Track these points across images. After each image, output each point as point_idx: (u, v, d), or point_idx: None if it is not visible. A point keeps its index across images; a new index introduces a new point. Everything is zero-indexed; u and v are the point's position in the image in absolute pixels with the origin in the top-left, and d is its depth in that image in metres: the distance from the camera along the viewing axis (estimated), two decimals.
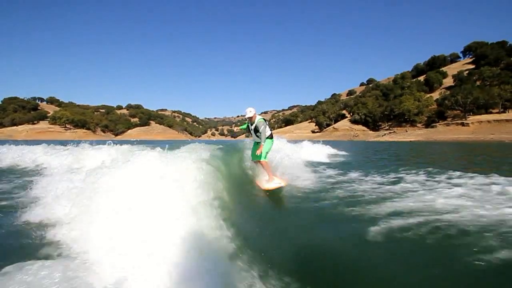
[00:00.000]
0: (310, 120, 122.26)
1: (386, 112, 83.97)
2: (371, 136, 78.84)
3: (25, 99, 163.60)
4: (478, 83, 74.08)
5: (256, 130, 5.27)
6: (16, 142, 14.59)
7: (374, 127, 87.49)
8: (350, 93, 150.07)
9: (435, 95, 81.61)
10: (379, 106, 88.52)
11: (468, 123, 55.55)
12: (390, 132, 76.83)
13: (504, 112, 57.89)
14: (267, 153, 5.34)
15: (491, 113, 58.24)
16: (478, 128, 51.99)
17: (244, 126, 5.80)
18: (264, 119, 5.36)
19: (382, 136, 74.89)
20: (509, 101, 56.66)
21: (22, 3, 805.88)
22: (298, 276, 2.10)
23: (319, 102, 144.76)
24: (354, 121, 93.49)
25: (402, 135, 66.99)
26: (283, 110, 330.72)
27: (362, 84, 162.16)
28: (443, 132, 55.73)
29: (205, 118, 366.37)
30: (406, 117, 77.00)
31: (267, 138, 5.29)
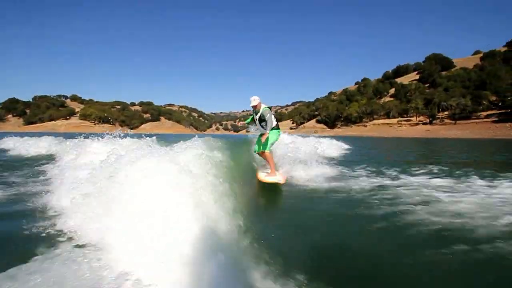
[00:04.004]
0: (291, 119, 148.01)
1: (339, 115, 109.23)
2: (326, 132, 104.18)
3: (53, 96, 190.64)
4: (409, 93, 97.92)
5: (261, 119, 5.12)
6: (65, 134, 17.80)
7: (332, 125, 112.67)
8: (345, 91, 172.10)
9: (380, 101, 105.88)
10: (337, 110, 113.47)
11: (367, 125, 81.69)
12: (339, 129, 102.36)
13: (410, 118, 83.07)
14: (271, 144, 5.13)
15: (396, 117, 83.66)
16: (372, 128, 77.97)
17: (249, 120, 5.59)
18: (269, 107, 5.22)
19: (338, 130, 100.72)
20: (396, 111, 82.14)
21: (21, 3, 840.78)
22: (308, 271, 2.12)
23: (317, 100, 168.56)
24: (318, 121, 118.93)
25: (336, 132, 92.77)
26: (286, 105, 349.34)
27: (356, 83, 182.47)
28: (352, 130, 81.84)
29: (211, 112, 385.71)
30: (351, 118, 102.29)
31: (273, 128, 5.12)
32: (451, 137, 45.48)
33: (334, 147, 13.25)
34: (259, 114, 5.18)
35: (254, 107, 5.18)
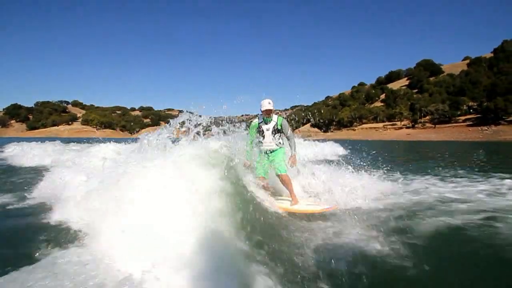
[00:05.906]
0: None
1: (332, 119, 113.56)
2: (320, 136, 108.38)
3: (55, 102, 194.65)
4: (397, 99, 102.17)
5: (277, 130, 4.10)
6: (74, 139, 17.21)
7: (326, 129, 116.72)
8: (340, 96, 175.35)
9: (370, 106, 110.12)
10: (330, 114, 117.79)
11: (355, 129, 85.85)
12: (332, 133, 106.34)
13: (396, 122, 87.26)
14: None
15: (384, 122, 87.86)
16: (359, 132, 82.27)
17: (253, 132, 4.18)
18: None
19: (329, 133, 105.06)
20: (384, 115, 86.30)
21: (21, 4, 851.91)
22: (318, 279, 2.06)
23: (314, 104, 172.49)
24: (312, 125, 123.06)
25: (327, 136, 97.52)
26: (285, 109, 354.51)
27: (353, 88, 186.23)
28: (341, 134, 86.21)
29: (210, 117, 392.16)
30: (343, 122, 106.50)
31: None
32: (426, 140, 49.55)
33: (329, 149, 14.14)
34: (273, 123, 4.10)
35: (269, 112, 4.06)
